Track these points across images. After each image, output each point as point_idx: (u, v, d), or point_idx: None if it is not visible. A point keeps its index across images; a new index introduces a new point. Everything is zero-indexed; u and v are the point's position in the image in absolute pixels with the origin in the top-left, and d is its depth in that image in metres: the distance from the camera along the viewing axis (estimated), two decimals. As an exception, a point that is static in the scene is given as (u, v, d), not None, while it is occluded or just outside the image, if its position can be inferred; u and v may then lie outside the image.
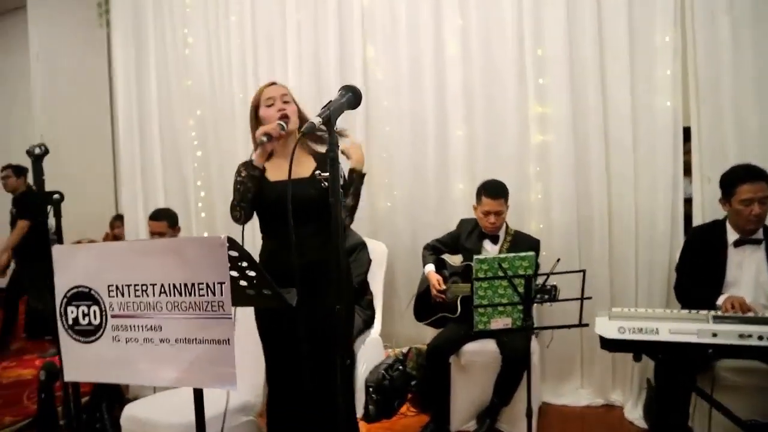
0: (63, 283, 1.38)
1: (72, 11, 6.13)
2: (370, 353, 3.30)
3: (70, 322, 1.37)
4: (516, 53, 3.27)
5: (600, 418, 3.07)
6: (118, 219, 5.02)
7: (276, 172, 2.11)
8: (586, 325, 2.08)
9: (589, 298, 2.05)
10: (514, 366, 2.69)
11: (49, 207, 1.64)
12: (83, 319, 1.36)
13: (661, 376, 2.35)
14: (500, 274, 2.03)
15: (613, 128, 3.10)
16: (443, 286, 2.94)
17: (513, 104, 3.31)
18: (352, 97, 1.49)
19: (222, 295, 1.20)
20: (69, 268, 1.37)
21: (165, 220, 3.46)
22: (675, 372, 2.27)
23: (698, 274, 2.54)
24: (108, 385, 3.06)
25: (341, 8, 3.73)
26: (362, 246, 3.32)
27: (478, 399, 2.88)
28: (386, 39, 3.66)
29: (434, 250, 3.19)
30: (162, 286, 1.26)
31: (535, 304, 2.97)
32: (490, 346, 2.81)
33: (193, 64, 4.22)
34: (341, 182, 1.97)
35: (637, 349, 2.02)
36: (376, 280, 3.52)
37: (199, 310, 1.23)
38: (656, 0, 2.94)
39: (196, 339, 1.24)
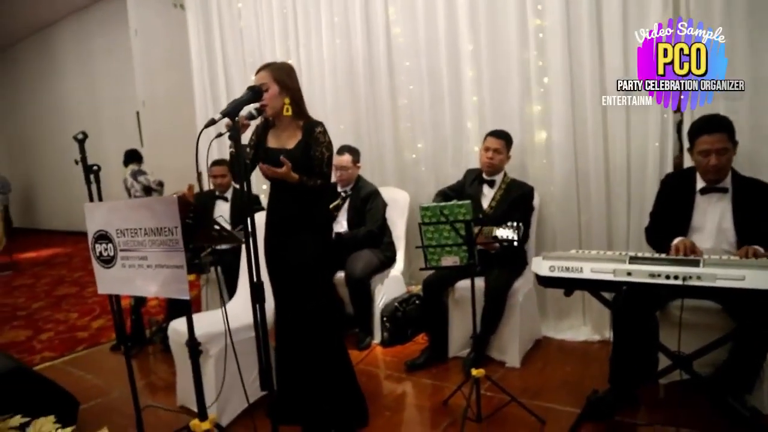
0: (92, 228, 1.99)
1: (161, -8, 6.95)
2: (389, 289, 3.79)
3: (98, 254, 1.99)
4: (519, 7, 3.44)
5: (588, 352, 3.32)
6: (199, 175, 5.87)
7: (273, 140, 2.57)
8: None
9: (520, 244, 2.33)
10: (494, 300, 3.05)
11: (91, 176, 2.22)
12: (104, 252, 1.97)
13: (615, 313, 2.58)
14: (442, 219, 2.38)
15: (609, 77, 3.20)
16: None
17: (516, 64, 3.50)
18: (251, 95, 1.92)
19: (176, 235, 1.73)
20: (95, 218, 1.98)
21: (225, 165, 4.16)
22: (629, 309, 2.50)
23: (667, 219, 2.68)
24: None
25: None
26: (376, 194, 3.77)
27: (471, 329, 3.26)
28: (405, 2, 3.94)
29: (444, 196, 3.54)
30: (145, 229, 1.82)
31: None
32: (479, 283, 3.16)
33: (247, 35, 4.79)
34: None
35: (565, 285, 2.31)
36: (398, 225, 3.97)
37: (165, 245, 1.77)
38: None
39: (165, 265, 1.79)
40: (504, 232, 2.51)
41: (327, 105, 4.37)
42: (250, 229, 1.78)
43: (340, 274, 3.64)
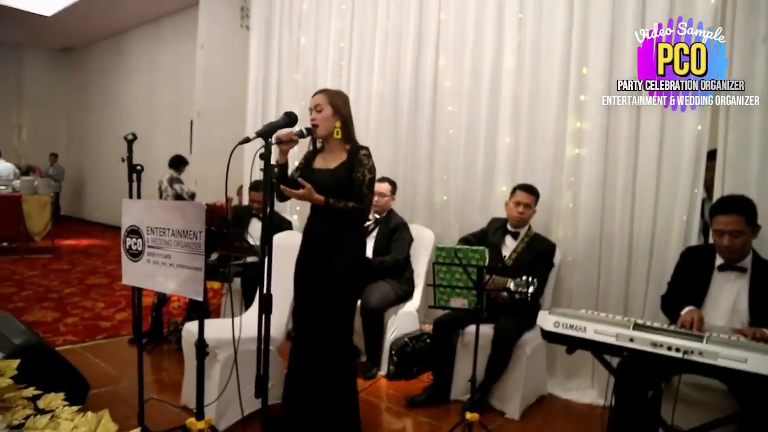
0: (126, 222, 2.14)
1: (230, 10, 7.37)
2: (402, 323, 3.83)
3: (128, 247, 2.14)
4: (562, 70, 3.53)
5: (591, 415, 3.24)
6: (241, 188, 6.10)
7: (320, 161, 2.69)
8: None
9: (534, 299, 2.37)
10: (501, 348, 3.06)
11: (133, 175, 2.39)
12: (134, 246, 2.11)
13: (617, 378, 2.56)
14: (456, 262, 2.44)
15: (643, 145, 3.25)
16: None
17: (554, 118, 3.58)
18: (286, 119, 2.06)
19: (199, 239, 1.86)
20: (131, 213, 2.14)
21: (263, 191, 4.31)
22: (631, 377, 2.47)
23: (683, 292, 2.67)
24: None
25: (421, 20, 4.25)
26: (404, 226, 3.86)
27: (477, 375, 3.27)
28: (455, 50, 4.09)
29: (465, 242, 3.60)
30: (172, 230, 1.96)
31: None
32: (488, 330, 3.19)
33: (303, 62, 5.04)
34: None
35: (567, 342, 2.33)
36: (420, 263, 4.03)
37: (188, 248, 1.90)
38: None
39: (186, 266, 1.91)
40: (516, 285, 2.55)
41: (369, 140, 4.52)
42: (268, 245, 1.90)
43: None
